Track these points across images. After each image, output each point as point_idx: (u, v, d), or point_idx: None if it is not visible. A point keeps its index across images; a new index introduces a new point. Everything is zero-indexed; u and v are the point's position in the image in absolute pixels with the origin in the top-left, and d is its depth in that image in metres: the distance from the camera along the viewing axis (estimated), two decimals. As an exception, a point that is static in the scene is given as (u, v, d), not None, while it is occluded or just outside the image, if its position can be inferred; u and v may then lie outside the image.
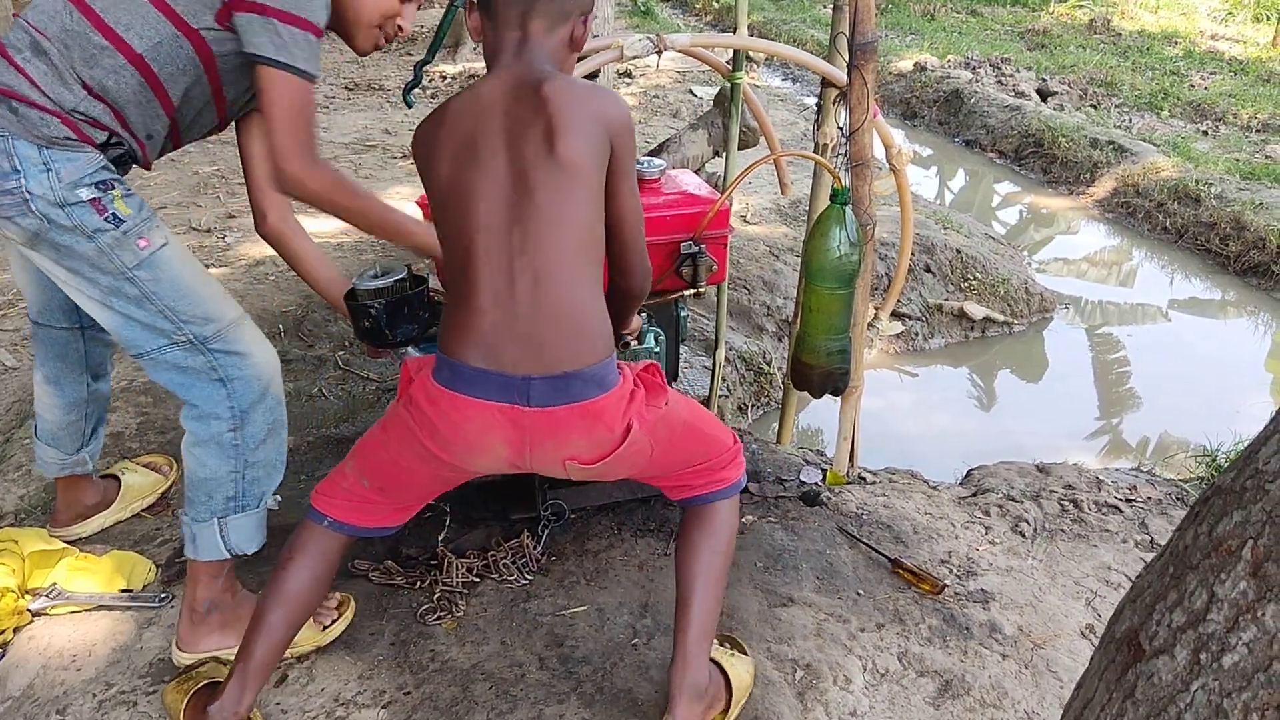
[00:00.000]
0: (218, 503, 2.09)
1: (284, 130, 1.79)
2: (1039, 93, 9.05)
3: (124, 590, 2.35)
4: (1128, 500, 2.99)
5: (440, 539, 2.57)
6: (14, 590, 2.27)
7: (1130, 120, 8.46)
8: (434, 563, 2.50)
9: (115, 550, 2.47)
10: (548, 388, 1.65)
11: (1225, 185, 6.44)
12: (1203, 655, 1.01)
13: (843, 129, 2.76)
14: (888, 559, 2.60)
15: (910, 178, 2.97)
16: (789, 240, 5.15)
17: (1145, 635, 1.10)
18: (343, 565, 2.48)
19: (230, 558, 2.13)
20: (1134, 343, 5.21)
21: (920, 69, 9.62)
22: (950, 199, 7.51)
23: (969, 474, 3.28)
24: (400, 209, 2.15)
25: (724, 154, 3.09)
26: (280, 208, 2.23)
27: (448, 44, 8.78)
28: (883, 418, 4.14)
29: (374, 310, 2.23)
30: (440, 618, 2.34)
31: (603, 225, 1.74)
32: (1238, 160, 7.09)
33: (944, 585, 2.50)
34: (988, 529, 2.82)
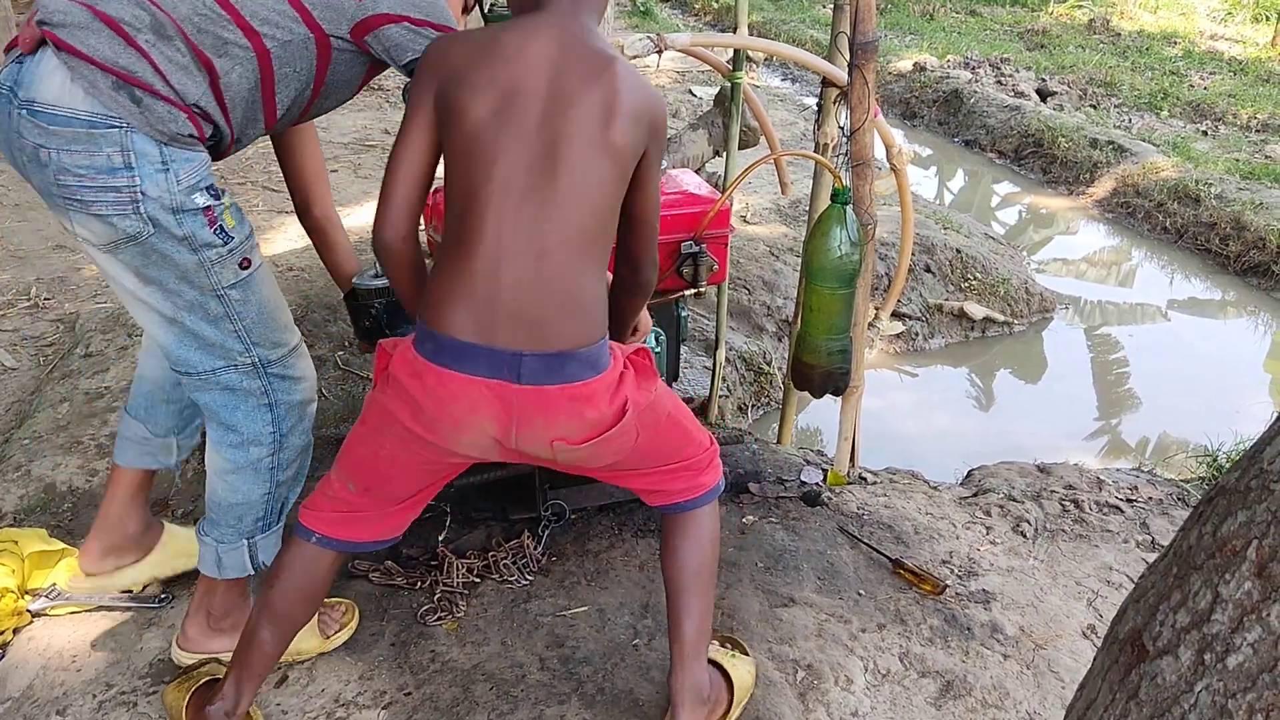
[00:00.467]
0: (247, 525, 2.04)
1: None
2: (1038, 93, 9.04)
3: (124, 591, 2.35)
4: (1129, 500, 2.99)
5: (440, 539, 2.57)
6: (14, 591, 2.26)
7: (1130, 120, 8.46)
8: (434, 563, 2.50)
9: (115, 551, 2.46)
10: (540, 365, 1.59)
11: (1225, 185, 6.44)
12: (1207, 656, 1.01)
13: (843, 128, 2.76)
14: (889, 559, 2.60)
15: (910, 178, 2.97)
16: (789, 240, 5.15)
17: (1149, 636, 1.09)
18: (342, 568, 2.49)
19: (253, 572, 2.09)
20: (1134, 343, 5.21)
21: (920, 69, 9.61)
22: (950, 199, 7.51)
23: (970, 474, 3.27)
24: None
25: (724, 154, 3.08)
26: (324, 200, 2.21)
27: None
28: (883, 418, 4.13)
29: (375, 310, 2.23)
30: (441, 618, 2.33)
31: (618, 214, 1.71)
32: (1237, 160, 7.09)
33: (945, 585, 2.50)
34: (989, 529, 2.82)
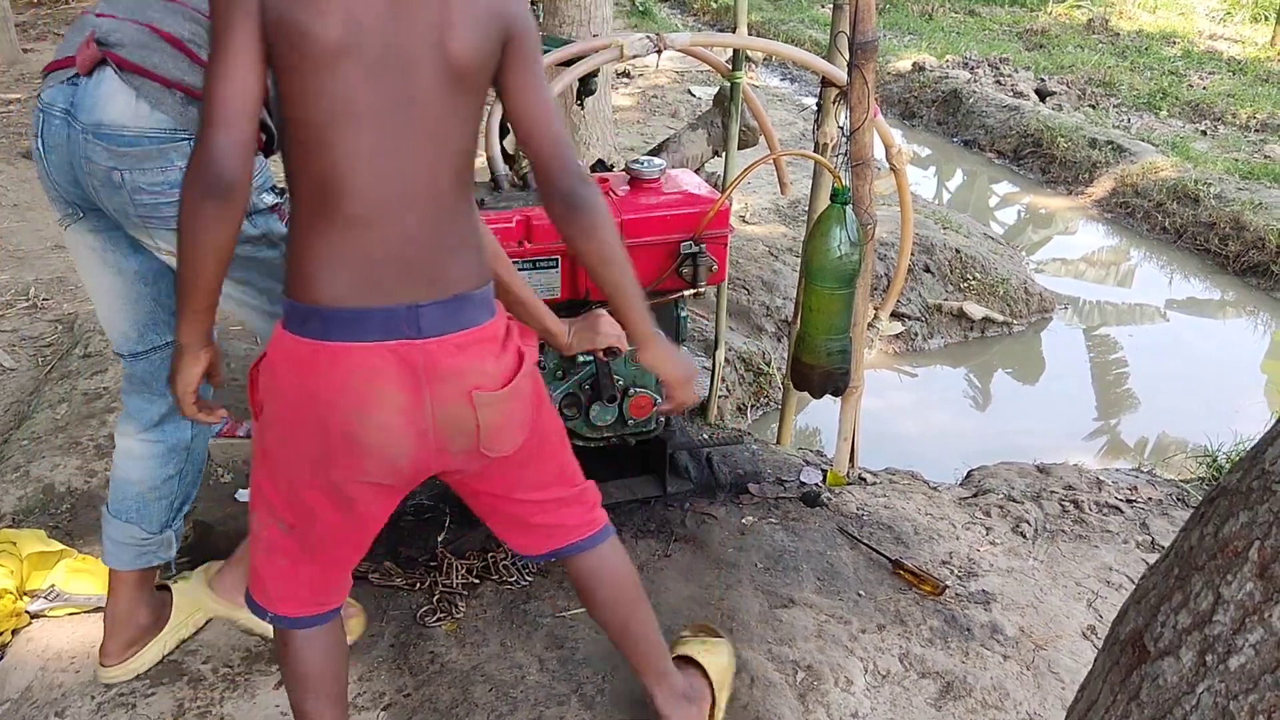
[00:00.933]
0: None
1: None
2: (1037, 93, 9.03)
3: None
4: (1128, 501, 2.99)
5: (439, 540, 2.57)
6: (12, 592, 2.26)
7: (1129, 120, 8.45)
8: (433, 564, 2.50)
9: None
10: (439, 313, 1.46)
11: (1224, 185, 6.43)
12: (1209, 657, 1.00)
13: (843, 128, 2.75)
14: (889, 560, 2.60)
15: (909, 178, 2.97)
16: (788, 240, 5.14)
17: (1150, 637, 1.09)
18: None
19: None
20: (1133, 343, 5.20)
21: (918, 69, 9.60)
22: (949, 199, 7.50)
23: (969, 475, 3.27)
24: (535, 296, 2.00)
25: (723, 154, 3.08)
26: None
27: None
28: (883, 418, 4.13)
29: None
30: (440, 619, 2.33)
31: (477, 138, 1.53)
32: (1236, 160, 7.08)
33: (945, 586, 2.50)
34: (988, 530, 2.82)
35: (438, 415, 1.49)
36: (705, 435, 3.20)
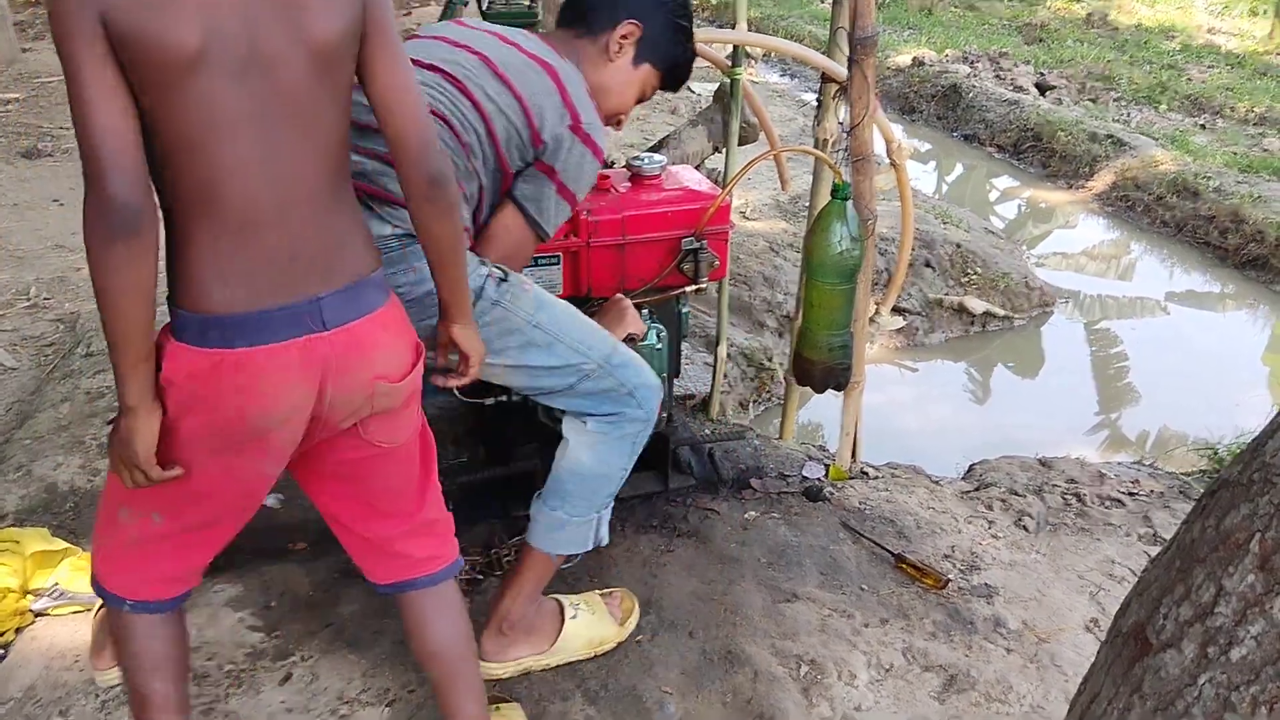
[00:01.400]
0: (601, 498, 2.09)
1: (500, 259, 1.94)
2: (1037, 87, 9.04)
3: None
4: (1130, 494, 2.99)
5: (443, 537, 2.57)
6: (16, 590, 2.27)
7: (1128, 114, 8.46)
8: (437, 560, 2.50)
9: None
10: (340, 302, 1.46)
11: (1224, 178, 6.44)
12: (1210, 649, 1.01)
13: (843, 124, 2.75)
14: (891, 554, 2.60)
15: (909, 173, 2.97)
16: (789, 236, 5.15)
17: (1152, 629, 1.09)
18: (344, 564, 2.49)
19: (591, 547, 2.14)
20: (1133, 336, 5.21)
21: (918, 64, 9.60)
22: (949, 193, 7.50)
23: (971, 468, 3.27)
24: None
25: (724, 150, 3.08)
26: None
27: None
28: (884, 413, 4.14)
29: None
30: (443, 615, 2.33)
31: (349, 119, 1.50)
32: (1236, 153, 7.09)
33: (947, 580, 2.50)
34: (991, 523, 2.82)
35: (339, 401, 1.51)
36: (707, 430, 3.20)
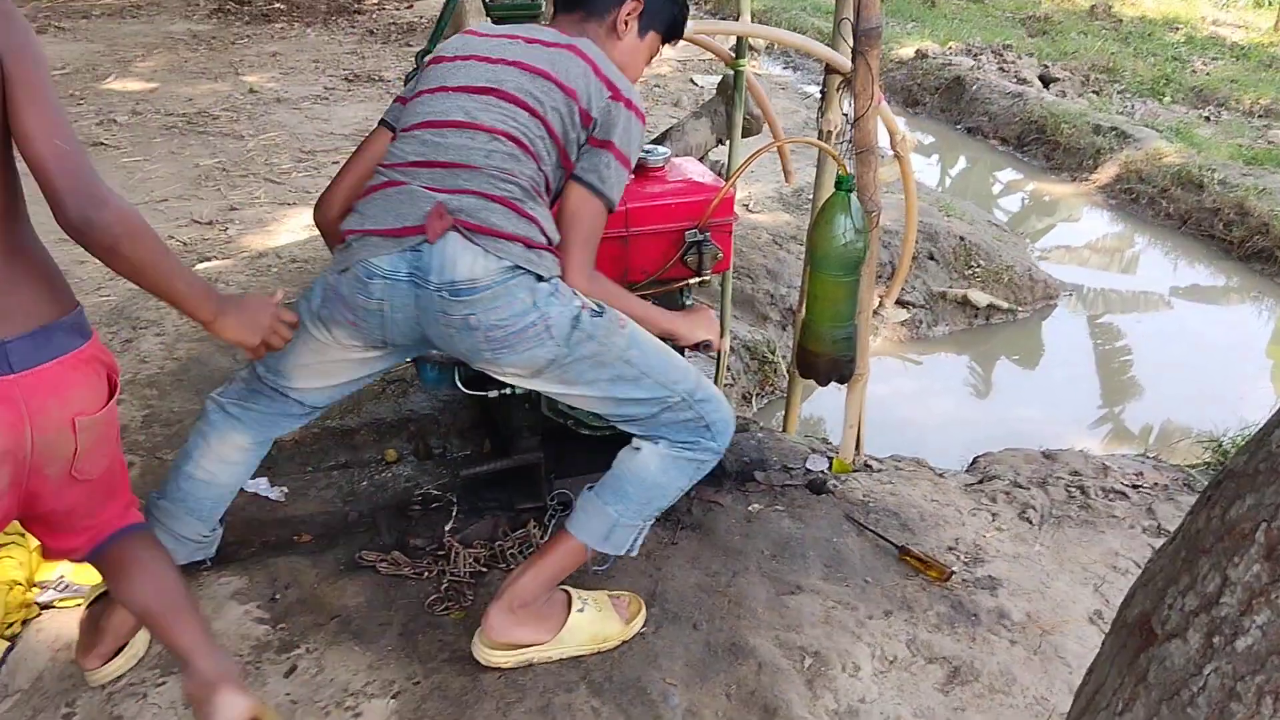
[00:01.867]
0: (653, 509, 2.12)
1: (586, 247, 2.02)
2: (1041, 79, 9.02)
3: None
4: (1134, 486, 2.99)
5: (447, 530, 2.58)
6: (22, 583, 2.27)
7: (1132, 106, 8.44)
8: (441, 553, 2.51)
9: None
10: (28, 346, 1.48)
11: (1228, 171, 6.42)
12: (1216, 639, 1.01)
13: (847, 115, 2.75)
14: (895, 546, 2.60)
15: (913, 165, 2.97)
16: (792, 228, 5.14)
17: (1157, 619, 1.09)
18: (349, 556, 2.50)
19: (623, 553, 2.16)
20: (1138, 329, 5.20)
21: (921, 56, 9.58)
22: (952, 186, 7.49)
23: (975, 461, 3.27)
24: (646, 302, 2.24)
25: (727, 142, 3.08)
26: None
27: (448, 34, 8.75)
28: (888, 405, 4.13)
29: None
30: (448, 608, 2.34)
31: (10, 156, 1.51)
32: (1240, 146, 7.07)
33: (951, 572, 2.50)
34: (994, 516, 2.82)
35: (37, 442, 1.52)
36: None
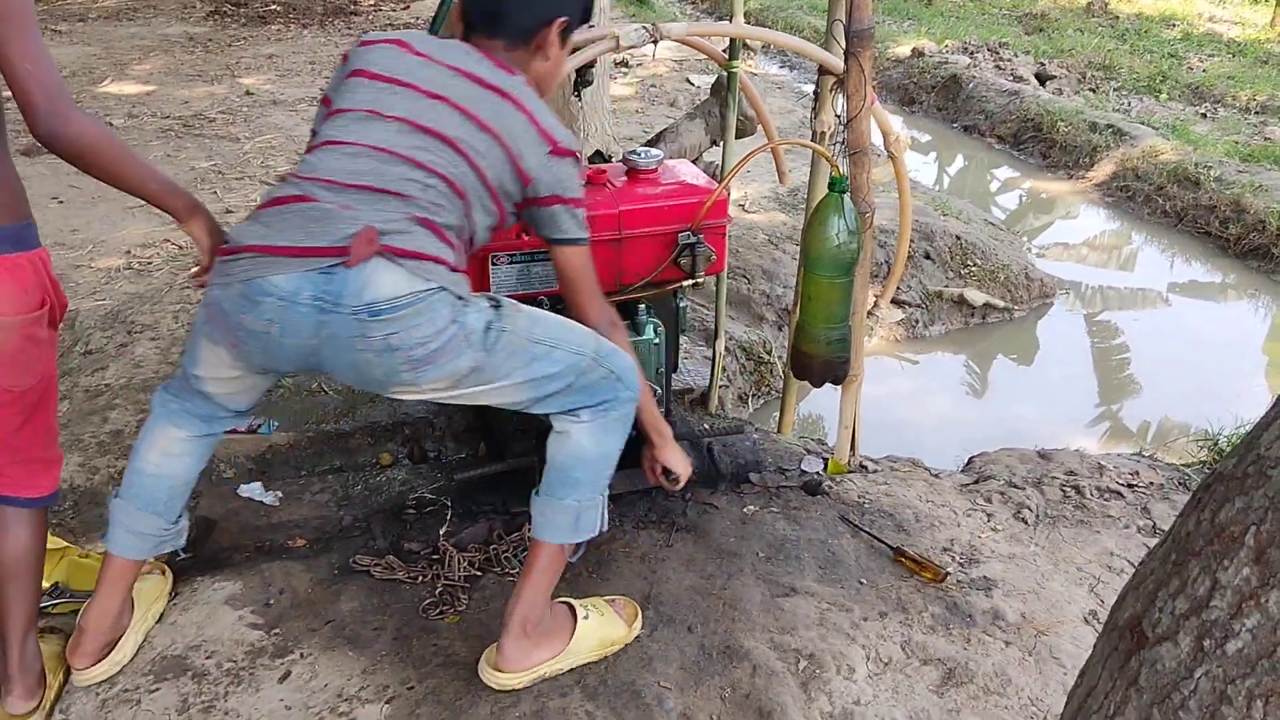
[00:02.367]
0: (604, 479, 2.12)
1: (593, 290, 2.12)
2: (1037, 77, 9.02)
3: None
4: (1129, 485, 2.99)
5: (442, 533, 2.57)
6: (16, 589, 2.26)
7: (1129, 103, 8.44)
8: (435, 557, 2.50)
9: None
10: None
11: (1225, 168, 6.42)
12: (1206, 642, 1.00)
13: (840, 116, 2.75)
14: (890, 547, 2.60)
15: (908, 164, 2.96)
16: (788, 228, 5.14)
17: (1148, 622, 1.09)
18: (343, 561, 2.49)
19: (596, 533, 2.14)
20: (1134, 327, 5.20)
21: (918, 54, 9.58)
22: (949, 185, 7.49)
23: (970, 461, 3.27)
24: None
25: (721, 143, 3.08)
26: None
27: (442, 35, 8.75)
28: (884, 405, 4.13)
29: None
30: (442, 612, 2.34)
31: None
32: (1237, 142, 7.07)
33: (946, 573, 2.50)
34: (990, 516, 2.82)
35: None
36: (706, 425, 3.20)
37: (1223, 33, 11.07)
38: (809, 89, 8.44)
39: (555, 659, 2.14)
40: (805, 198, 3.03)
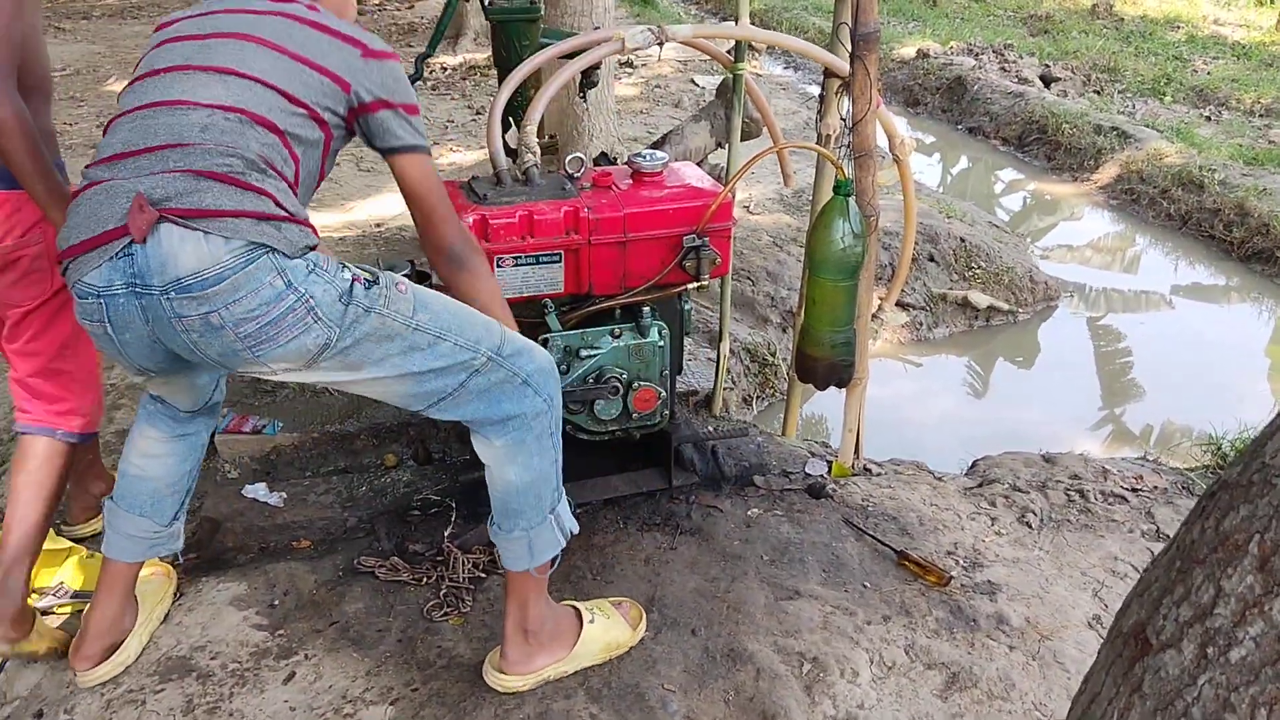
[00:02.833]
0: (547, 498, 2.01)
1: (444, 204, 1.95)
2: (1042, 79, 9.02)
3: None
4: (1134, 490, 2.99)
5: (446, 534, 2.57)
6: (21, 589, 2.27)
7: (1133, 106, 8.43)
8: (440, 559, 2.51)
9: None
10: None
11: (1229, 171, 6.42)
12: (1210, 650, 1.01)
13: (845, 119, 2.75)
14: (894, 551, 2.60)
15: (913, 166, 2.96)
16: (792, 230, 5.14)
17: (1152, 629, 1.09)
18: (348, 562, 2.50)
19: (565, 543, 2.06)
20: (1138, 330, 5.20)
21: (923, 56, 9.59)
22: (953, 186, 7.49)
23: (974, 465, 3.27)
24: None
25: (726, 145, 3.08)
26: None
27: (448, 36, 8.76)
28: (888, 407, 4.13)
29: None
30: (447, 614, 2.34)
31: None
32: (1241, 146, 7.06)
33: (950, 577, 2.50)
34: (994, 520, 2.82)
35: None
36: (710, 427, 3.20)
37: (1228, 35, 11.05)
38: (814, 90, 8.44)
39: (560, 662, 2.14)
40: (810, 199, 3.04)
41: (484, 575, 2.47)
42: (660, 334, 2.55)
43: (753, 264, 4.71)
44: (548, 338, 2.43)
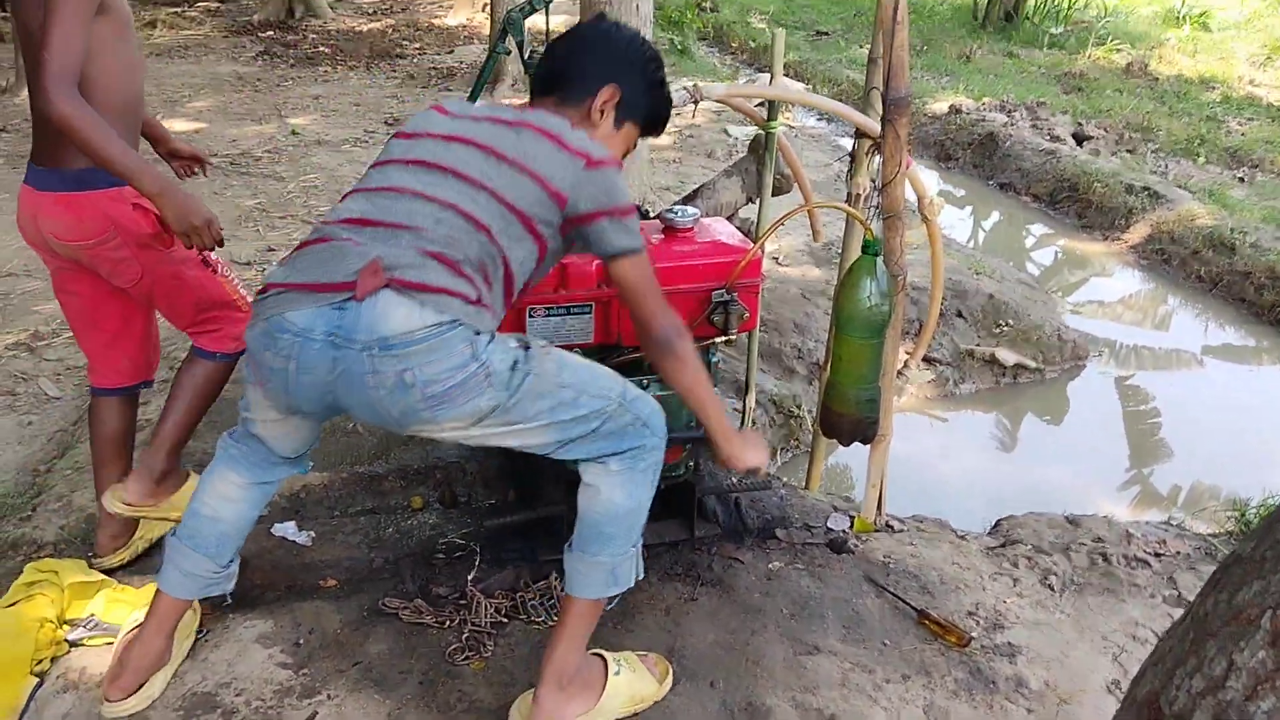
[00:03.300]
0: (637, 530, 2.11)
1: (656, 298, 2.04)
2: (1074, 137, 9.03)
3: None
4: (1157, 554, 2.98)
5: (470, 578, 2.60)
6: (52, 621, 2.31)
7: (1166, 166, 8.43)
8: (463, 602, 2.53)
9: (154, 582, 2.51)
10: (37, 175, 2.33)
11: (1261, 234, 6.40)
12: (1222, 723, 1.02)
13: (875, 179, 2.79)
14: (914, 609, 2.60)
15: (943, 221, 2.99)
16: (821, 283, 5.17)
17: (1165, 699, 1.11)
18: (373, 603, 2.52)
19: (636, 581, 2.14)
20: (1167, 391, 5.17)
21: (955, 111, 9.63)
22: (983, 241, 7.51)
23: (998, 524, 3.27)
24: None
25: (757, 200, 3.12)
26: None
27: (489, 87, 8.90)
28: (912, 463, 4.13)
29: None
30: (468, 658, 2.36)
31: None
32: (1274, 208, 7.05)
33: (970, 638, 2.50)
34: (1016, 581, 2.82)
35: (47, 238, 2.40)
36: (734, 479, 3.22)
37: (1263, 97, 11.04)
38: (847, 143, 8.49)
39: (587, 714, 2.15)
40: (839, 252, 3.07)
41: (506, 621, 2.49)
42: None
43: (781, 315, 4.74)
44: None
